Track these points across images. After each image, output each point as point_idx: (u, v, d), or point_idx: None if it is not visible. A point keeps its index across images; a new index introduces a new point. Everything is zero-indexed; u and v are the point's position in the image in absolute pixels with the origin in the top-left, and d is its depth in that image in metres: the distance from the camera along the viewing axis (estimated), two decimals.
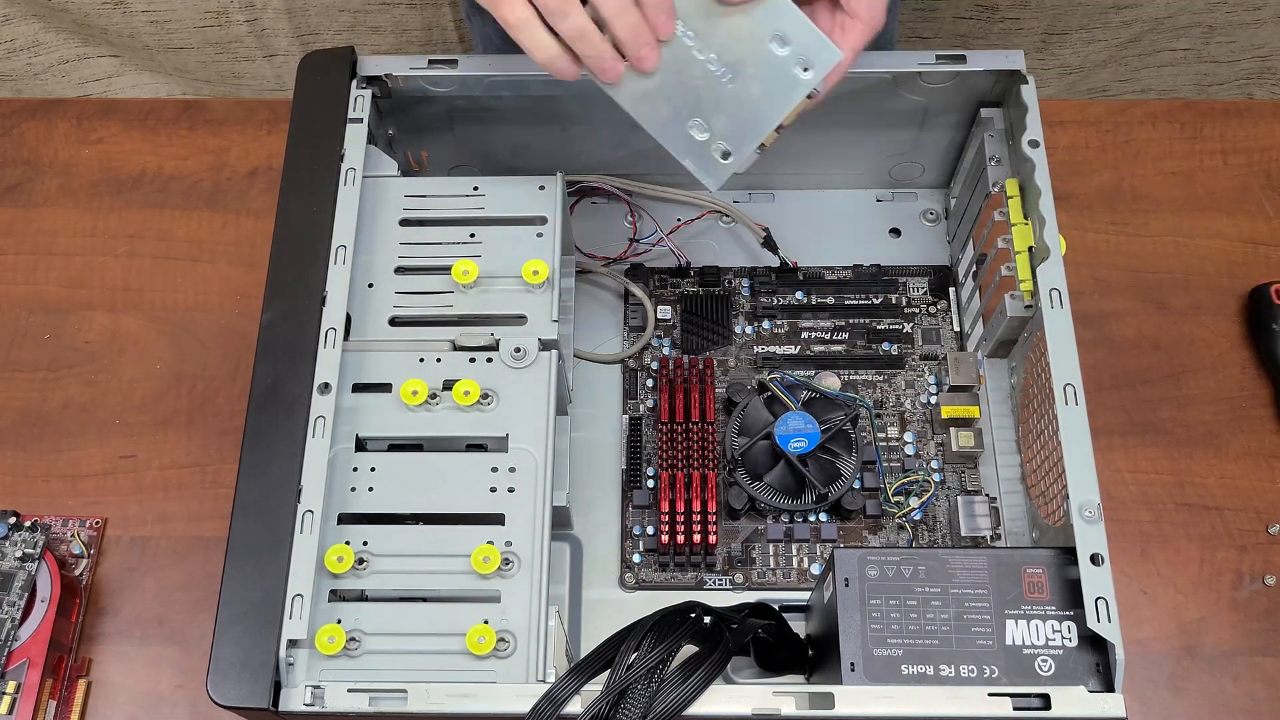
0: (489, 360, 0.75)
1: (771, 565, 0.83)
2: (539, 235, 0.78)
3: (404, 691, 0.63)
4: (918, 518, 0.83)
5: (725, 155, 0.72)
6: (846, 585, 0.67)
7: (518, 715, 0.62)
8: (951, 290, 0.92)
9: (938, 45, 1.44)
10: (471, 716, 0.64)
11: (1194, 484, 0.87)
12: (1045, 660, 0.64)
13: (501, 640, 0.66)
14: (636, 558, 0.83)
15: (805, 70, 0.68)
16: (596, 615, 0.81)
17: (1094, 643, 0.65)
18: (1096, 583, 0.65)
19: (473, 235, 0.79)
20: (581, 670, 0.62)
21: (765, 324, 0.91)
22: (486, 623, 0.67)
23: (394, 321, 0.76)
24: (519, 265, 0.76)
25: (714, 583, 0.82)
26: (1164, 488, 0.87)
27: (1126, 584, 0.83)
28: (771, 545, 0.83)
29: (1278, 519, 0.86)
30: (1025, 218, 0.79)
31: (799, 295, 0.91)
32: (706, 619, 0.66)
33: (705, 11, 0.68)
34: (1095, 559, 0.65)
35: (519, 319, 0.76)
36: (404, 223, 0.80)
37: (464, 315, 0.76)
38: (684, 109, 0.71)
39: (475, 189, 0.80)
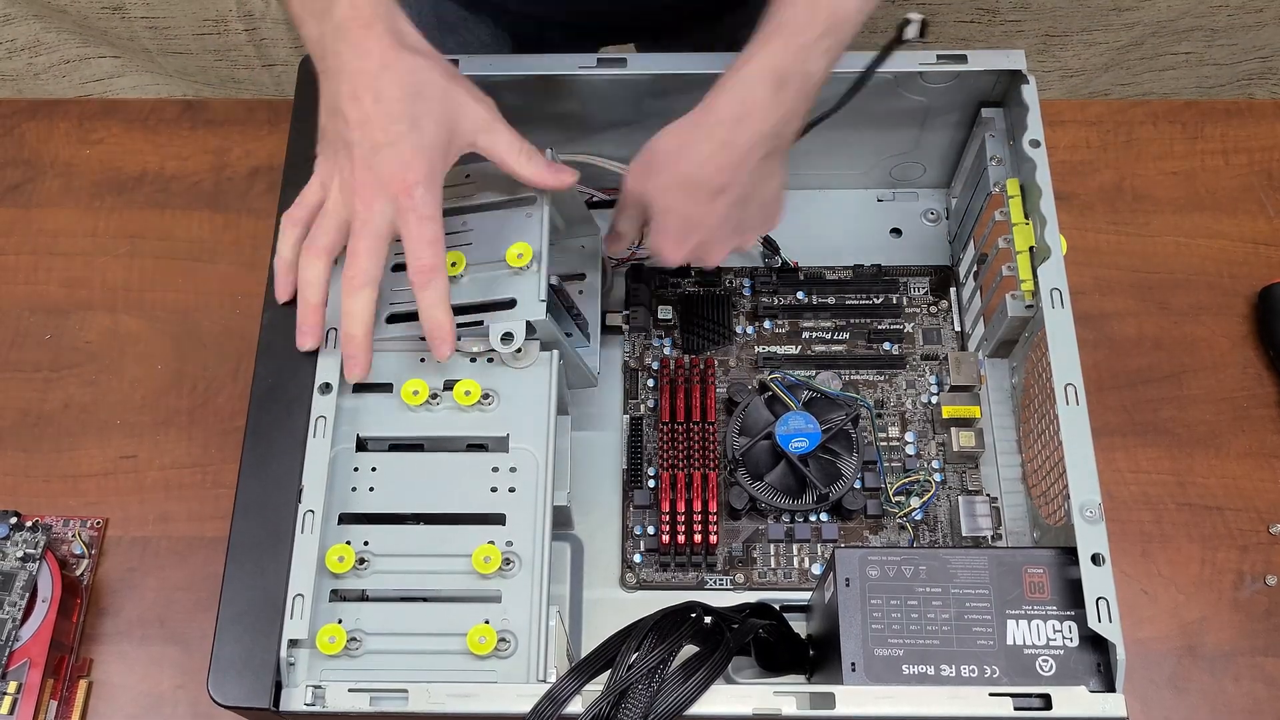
0: (490, 360, 0.75)
1: (772, 565, 0.82)
2: (528, 216, 0.76)
3: (405, 691, 0.63)
4: (919, 518, 0.83)
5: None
6: (847, 585, 0.67)
7: (519, 715, 0.62)
8: (952, 290, 0.92)
9: (938, 49, 1.44)
10: (472, 716, 0.64)
11: (1195, 484, 0.87)
12: (1046, 660, 0.64)
13: (502, 640, 0.66)
14: (637, 558, 0.83)
15: None
16: (597, 615, 0.81)
17: (1095, 643, 0.65)
18: (1097, 583, 0.65)
19: (465, 223, 0.77)
20: (582, 670, 0.62)
21: (766, 324, 0.91)
22: (487, 623, 0.67)
23: (391, 319, 0.76)
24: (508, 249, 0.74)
25: (715, 583, 0.82)
26: (1165, 488, 0.87)
27: (1127, 584, 0.83)
28: (772, 545, 0.83)
29: (1279, 519, 0.86)
30: (1026, 217, 0.79)
31: (800, 295, 0.91)
32: (707, 619, 0.66)
33: None
34: (1096, 559, 0.65)
35: (509, 304, 0.74)
36: None
37: (455, 305, 0.74)
38: None
39: (467, 177, 0.79)
